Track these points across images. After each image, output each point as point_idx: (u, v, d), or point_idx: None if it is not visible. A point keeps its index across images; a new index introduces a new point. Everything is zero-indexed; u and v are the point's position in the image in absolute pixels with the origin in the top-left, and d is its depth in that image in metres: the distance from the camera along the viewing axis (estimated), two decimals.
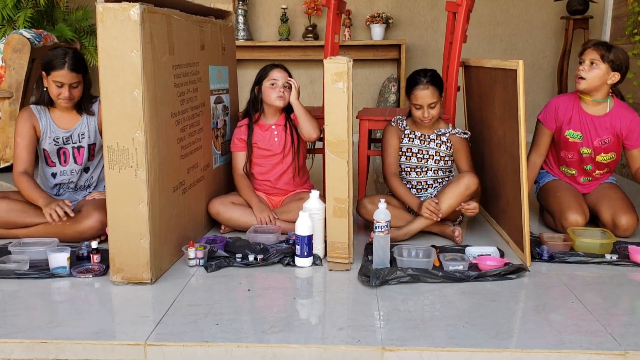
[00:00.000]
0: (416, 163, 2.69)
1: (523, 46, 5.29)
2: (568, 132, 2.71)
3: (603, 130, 2.68)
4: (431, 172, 2.69)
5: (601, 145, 2.70)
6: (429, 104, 2.58)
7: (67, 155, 2.66)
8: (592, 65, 2.59)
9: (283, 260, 2.30)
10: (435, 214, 2.49)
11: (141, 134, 2.00)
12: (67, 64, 2.48)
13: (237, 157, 2.81)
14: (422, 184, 2.71)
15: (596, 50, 2.60)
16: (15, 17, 4.28)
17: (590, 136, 2.69)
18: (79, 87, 2.57)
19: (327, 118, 2.19)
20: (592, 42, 2.64)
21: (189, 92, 2.40)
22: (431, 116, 2.60)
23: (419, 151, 2.69)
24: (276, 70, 2.71)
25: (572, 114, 2.69)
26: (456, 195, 2.51)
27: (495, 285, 2.10)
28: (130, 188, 2.04)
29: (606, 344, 1.68)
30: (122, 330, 1.78)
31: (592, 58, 2.60)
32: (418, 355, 1.66)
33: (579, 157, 2.76)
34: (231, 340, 1.70)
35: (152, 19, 2.03)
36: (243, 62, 5.18)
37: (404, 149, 2.72)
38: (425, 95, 2.57)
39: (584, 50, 2.64)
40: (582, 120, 2.69)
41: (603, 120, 2.67)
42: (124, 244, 2.07)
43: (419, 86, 2.57)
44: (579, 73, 2.62)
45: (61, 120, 2.64)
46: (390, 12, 5.23)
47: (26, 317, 1.85)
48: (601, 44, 2.61)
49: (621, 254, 2.37)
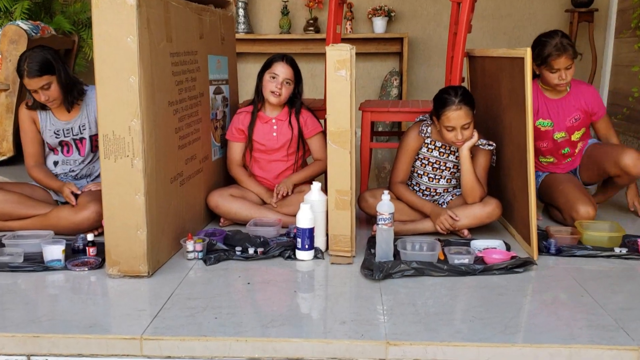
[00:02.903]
0: (430, 171, 2.59)
1: (527, 39, 5.22)
2: (539, 122, 2.74)
3: (570, 110, 2.73)
4: (444, 181, 2.60)
5: (573, 124, 2.74)
6: (462, 125, 2.39)
7: (70, 147, 2.63)
8: (567, 69, 2.62)
9: (284, 253, 2.25)
10: (448, 231, 2.46)
11: (137, 122, 1.95)
12: (26, 72, 2.40)
13: (233, 147, 2.72)
14: (431, 190, 2.62)
15: (568, 55, 2.58)
16: (12, 8, 4.22)
17: (560, 119, 2.73)
18: (53, 87, 2.46)
19: (329, 107, 2.13)
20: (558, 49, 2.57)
21: (187, 81, 2.35)
22: (465, 138, 2.40)
23: (436, 162, 2.57)
24: (280, 64, 2.60)
25: (538, 104, 2.72)
26: (476, 219, 2.45)
27: (502, 279, 2.05)
28: (127, 178, 1.98)
29: (618, 338, 1.63)
30: (117, 324, 1.73)
31: (567, 65, 2.60)
32: (423, 350, 1.60)
33: (553, 144, 2.78)
34: (230, 334, 1.64)
35: (149, 3, 1.98)
36: (243, 55, 5.12)
37: (421, 156, 2.59)
38: (458, 116, 2.36)
39: (555, 59, 2.57)
40: (549, 107, 2.74)
41: (567, 101, 2.73)
42: (120, 236, 2.01)
43: (450, 107, 2.36)
44: (561, 82, 2.63)
45: (61, 113, 2.59)
46: (393, 5, 5.17)
47: (19, 310, 1.80)
48: (568, 47, 2.57)
49: (630, 247, 2.31)
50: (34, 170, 2.61)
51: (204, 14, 2.55)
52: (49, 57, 2.45)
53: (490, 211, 2.45)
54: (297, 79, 2.66)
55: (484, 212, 2.45)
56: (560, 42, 2.56)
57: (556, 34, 2.61)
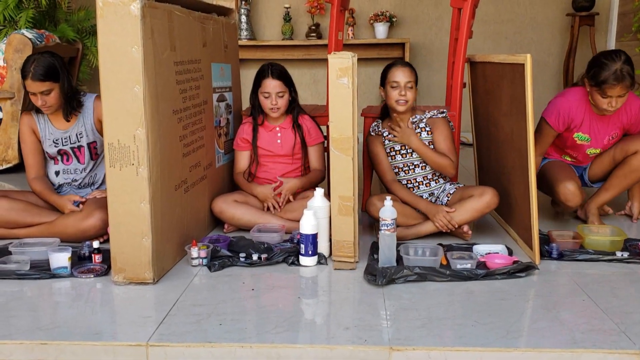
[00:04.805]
0: (401, 160, 2.65)
1: (528, 44, 5.24)
2: (577, 135, 2.68)
3: (612, 127, 2.65)
4: (419, 169, 2.65)
5: (610, 142, 2.69)
6: (405, 83, 2.52)
7: (69, 156, 2.64)
8: (620, 97, 2.47)
9: (287, 259, 2.27)
10: (448, 226, 2.47)
11: (142, 131, 1.97)
12: (30, 74, 2.42)
13: (239, 156, 2.78)
14: (413, 182, 2.66)
15: (624, 85, 2.42)
16: (17, 17, 4.25)
17: (599, 137, 2.66)
18: (53, 94, 2.48)
19: (331, 114, 2.15)
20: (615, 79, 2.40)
21: (190, 89, 2.37)
22: (408, 99, 2.54)
23: (402, 147, 2.64)
24: (268, 81, 2.63)
25: (583, 118, 2.62)
26: (475, 211, 2.47)
27: (504, 284, 2.06)
28: (132, 186, 2.00)
29: (620, 342, 1.64)
30: (123, 331, 1.75)
31: (621, 94, 2.46)
32: (426, 355, 1.62)
33: (583, 157, 2.77)
34: (235, 340, 1.66)
35: (153, 14, 2.00)
36: (246, 61, 5.14)
37: (387, 150, 2.68)
38: (402, 73, 2.54)
39: (609, 88, 2.43)
40: (592, 122, 2.64)
41: (610, 118, 2.63)
42: (126, 243, 2.03)
43: (395, 65, 2.58)
44: (609, 109, 2.49)
45: (58, 121, 2.61)
46: (394, 10, 5.19)
47: (26, 318, 1.82)
48: (627, 77, 2.41)
49: (632, 251, 2.32)
50: (34, 183, 2.62)
51: (207, 23, 2.57)
52: (56, 64, 2.48)
53: (488, 201, 2.47)
54: (288, 84, 2.69)
55: (481, 204, 2.47)
56: (620, 70, 2.39)
57: (618, 58, 2.42)
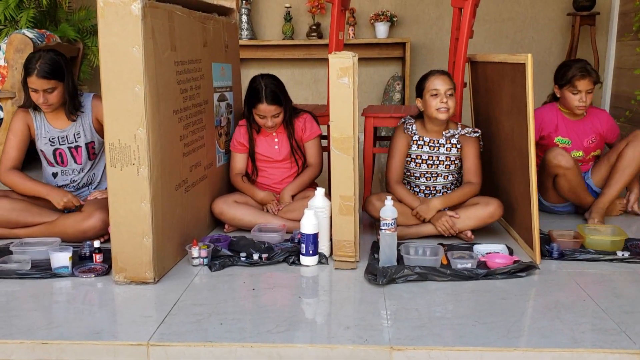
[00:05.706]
0: (426, 169, 2.63)
1: (529, 43, 5.23)
2: (558, 139, 2.84)
3: (587, 131, 2.85)
4: (441, 178, 2.63)
5: (590, 145, 2.86)
6: (446, 91, 2.50)
7: (64, 156, 2.63)
8: (588, 93, 2.73)
9: (288, 259, 2.27)
10: (450, 232, 2.48)
11: (143, 131, 1.97)
12: (36, 71, 2.41)
13: (236, 157, 2.78)
14: (431, 189, 2.65)
15: (591, 79, 2.72)
16: (17, 17, 4.25)
17: (578, 139, 2.84)
18: (56, 92, 2.48)
19: (332, 114, 2.15)
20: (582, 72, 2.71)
21: (191, 89, 2.37)
22: (449, 106, 2.51)
23: (429, 157, 2.62)
24: (262, 106, 2.60)
25: (557, 122, 2.84)
26: (478, 219, 2.48)
27: (505, 283, 2.06)
28: (133, 186, 2.00)
29: (621, 342, 1.64)
30: (124, 330, 1.75)
31: (588, 88, 2.72)
32: (427, 354, 1.62)
33: None
34: (235, 340, 1.66)
35: (154, 14, 2.00)
36: (247, 61, 5.14)
37: (413, 156, 2.64)
38: (441, 81, 2.52)
39: (579, 80, 2.70)
40: (568, 127, 2.84)
41: (584, 123, 2.85)
42: (127, 243, 2.03)
43: (433, 74, 2.56)
44: (581, 105, 2.74)
45: (56, 120, 2.60)
46: (395, 10, 5.19)
47: (27, 317, 1.82)
48: (592, 71, 2.73)
49: (633, 250, 2.32)
50: (10, 174, 2.54)
51: (207, 22, 2.57)
52: (62, 63, 2.48)
53: (492, 211, 2.48)
54: (284, 101, 2.65)
55: (485, 213, 2.48)
56: (584, 67, 2.73)
57: (581, 60, 2.81)
